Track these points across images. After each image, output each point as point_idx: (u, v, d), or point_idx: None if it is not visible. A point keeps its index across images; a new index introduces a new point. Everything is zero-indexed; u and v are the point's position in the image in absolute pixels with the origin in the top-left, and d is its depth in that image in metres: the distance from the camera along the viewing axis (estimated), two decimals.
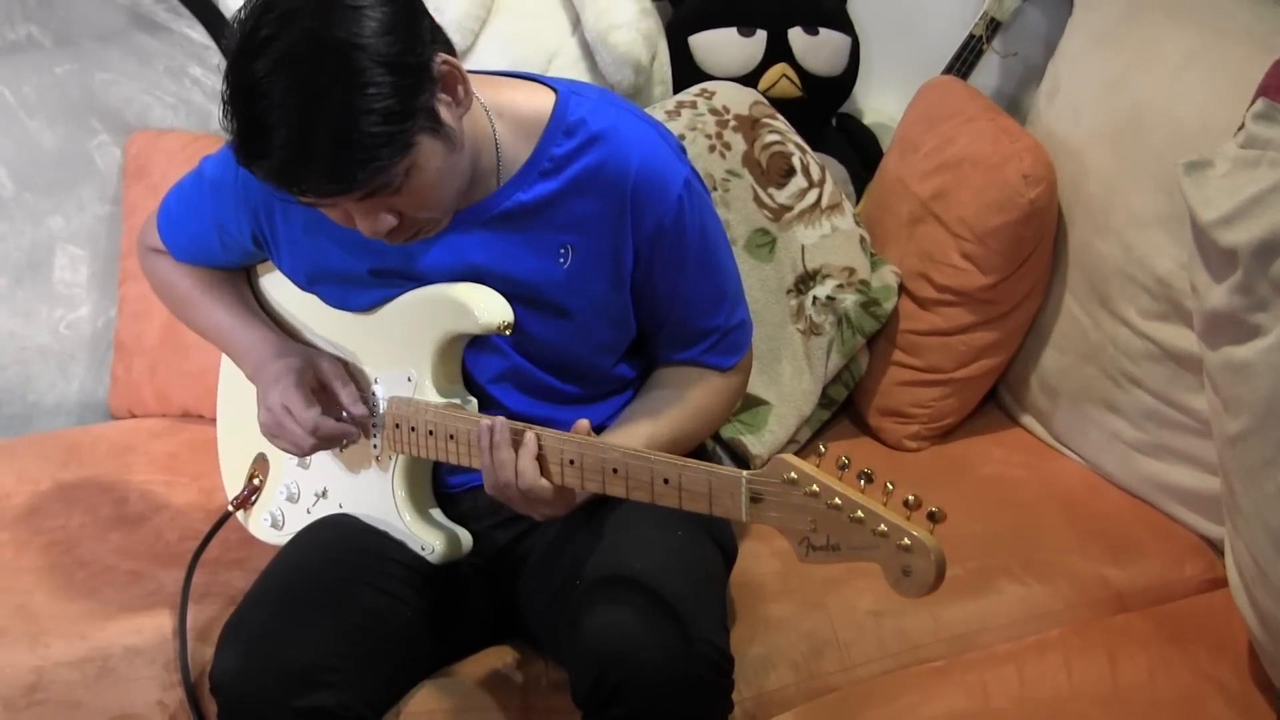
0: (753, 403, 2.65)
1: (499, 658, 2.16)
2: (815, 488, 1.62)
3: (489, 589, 2.16)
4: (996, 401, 2.94)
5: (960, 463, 2.74)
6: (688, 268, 2.05)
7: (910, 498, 1.57)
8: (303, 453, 2.10)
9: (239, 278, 2.29)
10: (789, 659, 2.20)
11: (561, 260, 2.00)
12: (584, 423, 1.89)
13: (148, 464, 2.80)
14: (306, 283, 2.14)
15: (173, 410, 3.03)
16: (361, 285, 2.07)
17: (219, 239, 2.19)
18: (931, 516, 1.56)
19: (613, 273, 2.02)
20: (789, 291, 2.74)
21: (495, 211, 1.99)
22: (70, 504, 2.65)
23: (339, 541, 2.10)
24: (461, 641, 2.16)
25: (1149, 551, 2.45)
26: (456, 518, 2.13)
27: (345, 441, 2.12)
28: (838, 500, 1.60)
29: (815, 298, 2.74)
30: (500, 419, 1.91)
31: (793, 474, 1.64)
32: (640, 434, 1.99)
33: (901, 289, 2.79)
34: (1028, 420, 2.84)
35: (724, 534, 2.14)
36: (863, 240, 2.80)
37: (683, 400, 2.09)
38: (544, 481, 1.87)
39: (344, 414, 2.09)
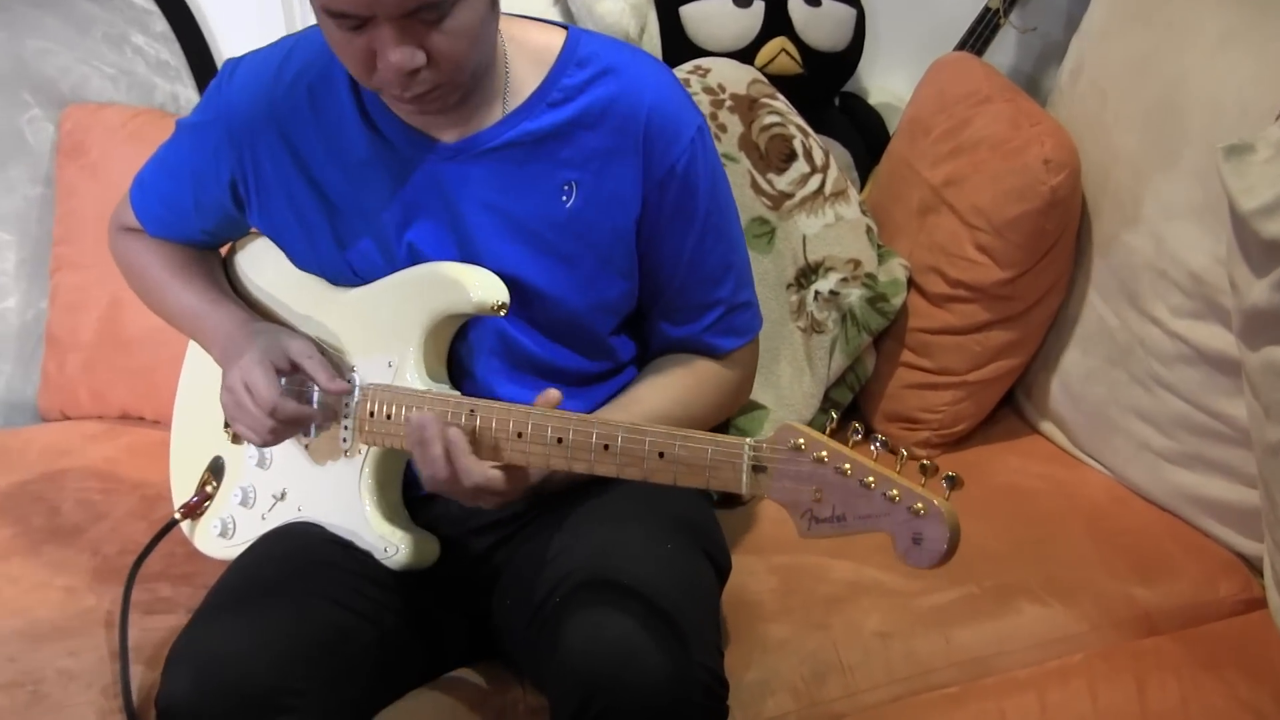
0: (749, 406, 2.67)
1: (473, 680, 2.17)
2: (824, 454, 1.64)
3: (462, 604, 2.16)
4: (1014, 407, 2.96)
5: (974, 473, 2.73)
6: (695, 225, 2.08)
7: (926, 462, 1.59)
8: (262, 438, 2.10)
9: (212, 259, 2.32)
10: (789, 684, 2.21)
11: (565, 199, 2.03)
12: (553, 393, 1.91)
13: (84, 470, 2.80)
14: (282, 231, 2.17)
15: (111, 412, 3.03)
16: (350, 232, 2.10)
17: (194, 198, 2.21)
18: (950, 481, 1.58)
19: (619, 216, 2.05)
20: (789, 286, 2.76)
21: (498, 141, 2.02)
22: None
23: (299, 552, 2.10)
24: (433, 662, 2.16)
25: (1180, 569, 2.46)
26: (427, 523, 2.14)
27: (313, 430, 2.13)
28: (847, 466, 1.62)
29: (817, 293, 2.76)
30: (429, 413, 1.94)
31: (800, 440, 1.66)
32: (625, 417, 2.00)
33: (911, 284, 2.81)
34: (1048, 427, 2.86)
35: (717, 547, 2.13)
36: (869, 230, 2.82)
37: (671, 389, 2.12)
38: (493, 471, 1.90)
39: (315, 397, 2.11)
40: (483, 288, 2.00)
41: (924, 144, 2.84)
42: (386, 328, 2.07)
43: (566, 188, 2.03)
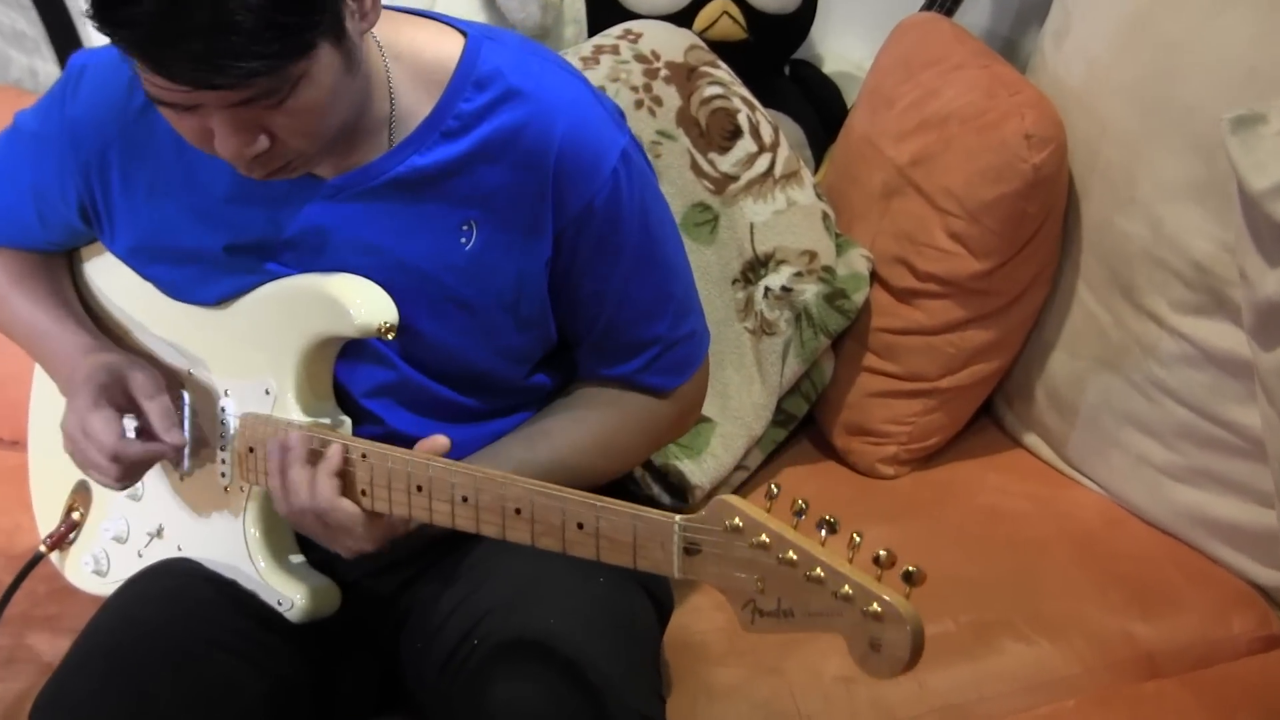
0: None
1: None
2: (765, 538, 1.58)
3: (369, 650, 2.14)
4: (993, 417, 2.97)
5: (949, 492, 2.76)
6: (622, 261, 2.03)
7: (882, 553, 1.53)
8: (116, 484, 2.06)
9: (58, 267, 2.26)
10: None
11: (464, 241, 1.98)
12: (441, 440, 1.87)
13: None
14: (144, 263, 2.11)
15: None
16: (213, 268, 2.04)
17: (37, 212, 2.16)
18: (908, 577, 1.52)
19: (525, 260, 2.00)
20: (735, 281, 2.75)
21: (385, 177, 1.96)
22: None
23: (180, 592, 2.06)
24: (340, 712, 2.12)
25: (1186, 602, 2.46)
26: (321, 565, 2.10)
27: (185, 462, 2.10)
28: (792, 554, 1.57)
29: (767, 289, 2.75)
30: (297, 433, 1.90)
31: (737, 520, 1.60)
32: (508, 460, 1.98)
33: (874, 277, 2.80)
34: (1032, 440, 2.87)
35: (657, 582, 2.12)
36: (826, 217, 2.81)
37: (584, 426, 2.09)
38: (346, 503, 1.86)
39: (187, 426, 2.08)
40: (365, 307, 1.94)
41: (887, 118, 2.84)
42: (259, 349, 2.02)
43: (465, 227, 1.98)
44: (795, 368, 2.77)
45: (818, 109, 3.27)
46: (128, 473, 2.05)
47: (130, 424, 2.03)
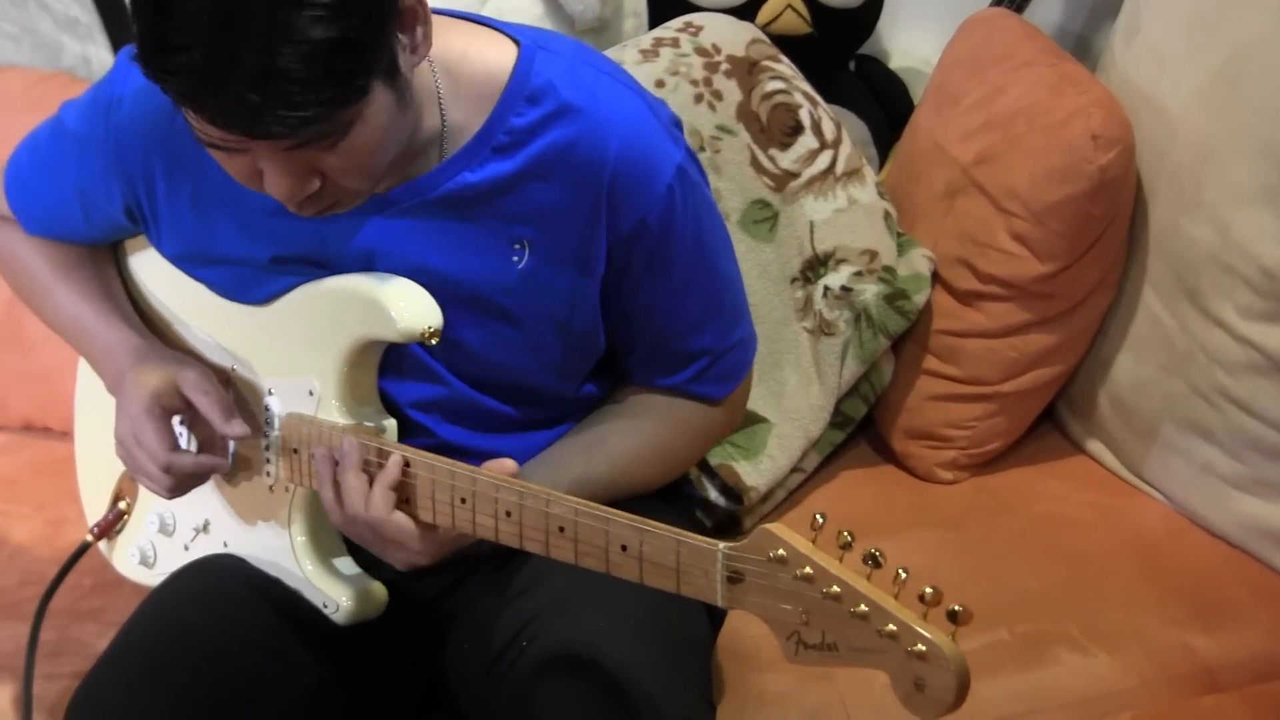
0: (748, 420, 2.65)
1: None
2: (809, 570, 1.58)
3: (410, 653, 2.14)
4: (1055, 423, 2.95)
5: (1008, 499, 2.75)
6: (674, 274, 2.03)
7: (927, 591, 1.52)
8: (167, 494, 2.07)
9: (104, 260, 2.27)
10: None
11: (515, 259, 1.97)
12: (509, 463, 1.85)
13: None
14: (192, 268, 2.12)
15: (11, 422, 3.03)
16: (260, 273, 2.05)
17: (82, 210, 2.17)
18: (953, 617, 1.51)
19: (577, 278, 2.00)
20: (794, 280, 2.74)
21: (435, 194, 1.95)
22: None
23: (219, 590, 2.07)
24: (377, 716, 2.13)
25: (1248, 615, 2.44)
26: (368, 565, 2.10)
27: (230, 459, 2.11)
28: (836, 589, 1.56)
29: (827, 288, 2.74)
30: (351, 440, 1.89)
31: (781, 551, 1.59)
32: (567, 472, 1.98)
33: (936, 278, 2.79)
34: (1095, 447, 2.85)
35: None
36: (887, 216, 2.81)
37: (640, 435, 2.09)
38: (401, 516, 1.86)
39: (217, 441, 2.08)
40: (409, 311, 1.92)
41: (952, 115, 2.82)
42: (304, 349, 2.02)
43: (518, 246, 1.97)
44: (854, 369, 2.77)
45: (883, 105, 3.25)
46: (180, 484, 2.06)
47: (183, 431, 2.06)
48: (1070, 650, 2.34)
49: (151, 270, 2.22)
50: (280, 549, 2.08)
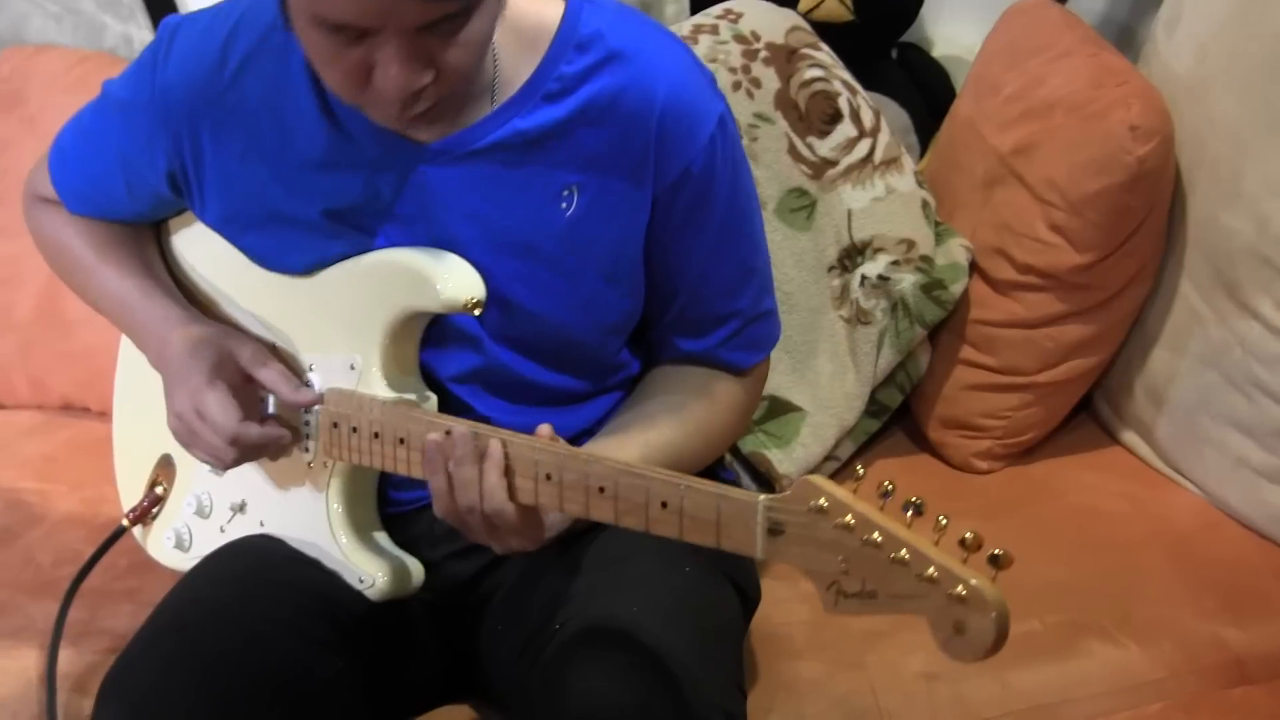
0: (781, 408, 2.66)
1: None
2: (850, 519, 1.59)
3: (444, 635, 2.16)
4: (1091, 413, 2.95)
5: (1043, 489, 2.75)
6: (709, 230, 2.05)
7: (968, 535, 1.54)
8: (225, 466, 2.09)
9: (145, 238, 2.29)
10: None
11: (564, 206, 2.00)
12: (546, 428, 1.86)
13: (18, 468, 2.82)
14: (237, 233, 2.13)
15: (51, 401, 3.05)
16: (308, 235, 2.06)
17: (124, 181, 2.19)
18: (994, 560, 1.52)
19: (624, 226, 2.02)
20: (831, 269, 2.75)
21: (486, 140, 1.98)
22: None
23: (254, 572, 2.08)
24: (410, 700, 2.15)
25: None
26: (405, 544, 2.12)
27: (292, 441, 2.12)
28: (877, 536, 1.57)
29: (864, 277, 2.75)
30: (458, 428, 1.88)
31: (822, 500, 1.61)
32: (633, 448, 1.97)
33: (973, 268, 2.79)
34: (1130, 438, 2.85)
35: (743, 572, 2.14)
36: (926, 205, 2.81)
37: (684, 412, 2.09)
38: (512, 505, 1.85)
39: (275, 412, 2.10)
40: (453, 282, 1.95)
41: (991, 105, 2.82)
42: (346, 323, 2.04)
43: (566, 193, 1.99)
44: (890, 358, 2.78)
45: (925, 94, 3.25)
46: (243, 458, 2.08)
47: (270, 400, 2.08)
48: (1102, 641, 2.33)
49: (194, 249, 2.24)
50: (317, 526, 2.09)
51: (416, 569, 2.09)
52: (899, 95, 3.20)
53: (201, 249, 2.22)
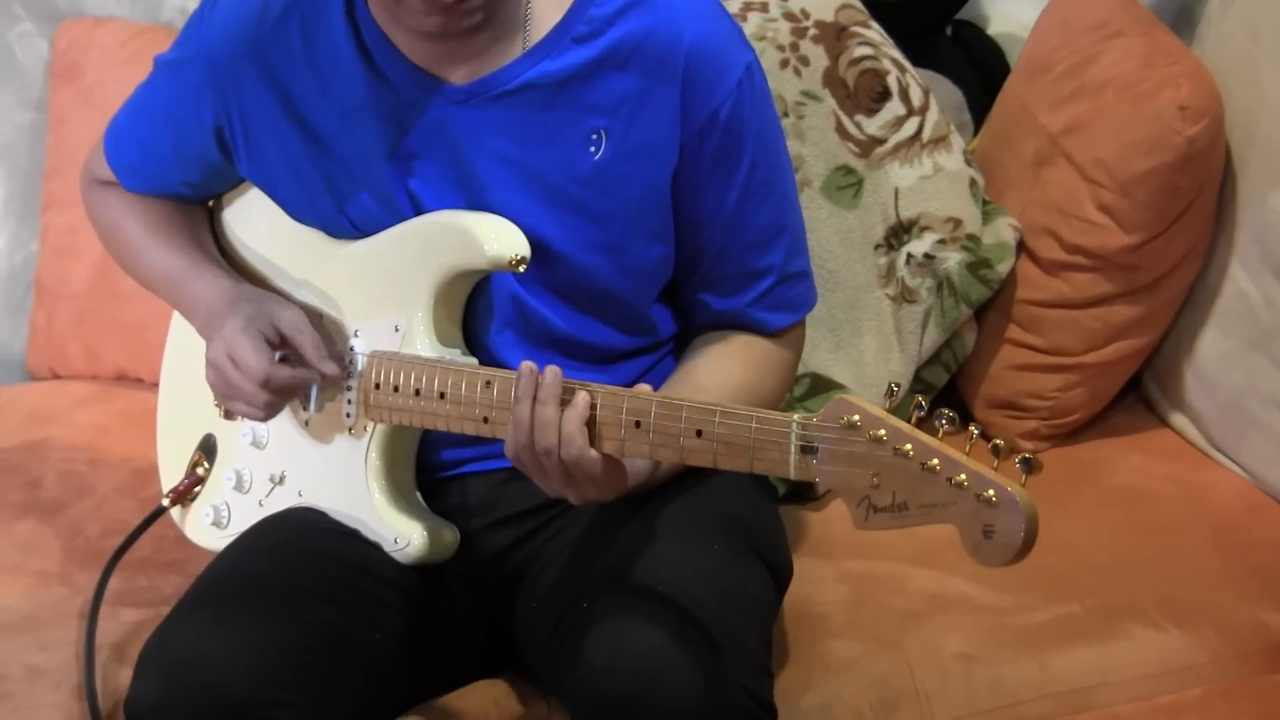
0: (823, 385, 2.65)
1: (489, 695, 2.17)
2: (882, 432, 1.61)
3: (481, 609, 2.17)
4: (1139, 394, 2.94)
5: (1088, 471, 2.74)
6: (738, 179, 2.06)
7: (999, 442, 1.57)
8: (260, 412, 2.10)
9: (197, 215, 2.32)
10: (854, 711, 2.20)
11: (592, 149, 2.02)
12: (645, 388, 1.86)
13: (70, 438, 2.83)
14: (276, 180, 2.17)
15: (105, 371, 3.07)
16: (344, 178, 2.10)
17: (174, 145, 2.22)
18: (1026, 464, 1.55)
19: (653, 169, 2.03)
20: (877, 247, 2.75)
21: (516, 82, 2.01)
22: None
23: (293, 543, 2.10)
24: (444, 673, 2.16)
25: None
26: (441, 514, 2.14)
27: (312, 404, 2.14)
28: (908, 447, 1.59)
29: (910, 255, 2.75)
30: (555, 369, 1.87)
31: (855, 417, 1.64)
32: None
33: (1021, 248, 2.78)
34: (1178, 420, 2.83)
35: (775, 550, 2.12)
36: (973, 184, 2.80)
37: (726, 375, 2.09)
38: (593, 453, 1.85)
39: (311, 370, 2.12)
40: (498, 239, 1.99)
41: (1043, 83, 2.81)
42: (391, 287, 2.07)
43: (595, 136, 2.01)
44: (935, 337, 2.77)
45: (980, 71, 3.22)
46: (274, 402, 2.09)
47: (277, 355, 2.09)
48: (1142, 624, 2.33)
49: (243, 225, 2.28)
50: (355, 491, 2.11)
51: (451, 533, 2.11)
52: (953, 73, 3.18)
53: (250, 224, 2.26)
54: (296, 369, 2.08)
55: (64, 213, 3.01)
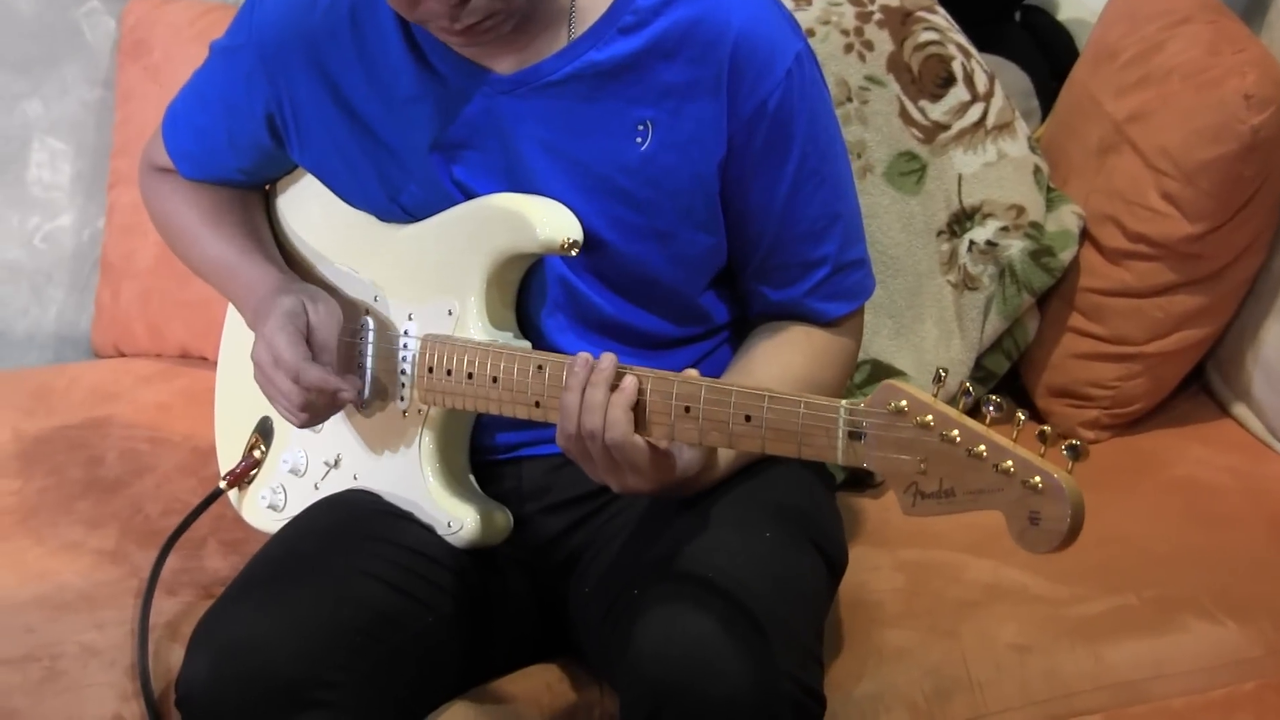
0: (884, 372, 2.64)
1: (542, 679, 2.17)
2: (929, 418, 1.62)
3: (535, 592, 2.17)
4: (1202, 384, 2.91)
5: (1149, 461, 2.72)
6: (788, 170, 2.05)
7: (1046, 429, 1.57)
8: (298, 415, 2.11)
9: (252, 203, 2.33)
10: (907, 700, 2.19)
11: (639, 141, 2.02)
12: (692, 372, 1.86)
13: (132, 415, 2.86)
14: (327, 167, 2.18)
15: (169, 349, 3.09)
16: (392, 166, 2.11)
17: (227, 131, 2.23)
18: (1072, 451, 1.56)
19: (700, 160, 2.03)
20: (940, 233, 2.73)
21: (560, 73, 2.01)
22: (31, 462, 2.70)
23: (347, 525, 2.11)
24: (497, 657, 2.17)
25: None
26: (497, 498, 2.14)
27: (366, 390, 2.15)
28: (956, 433, 1.60)
29: (972, 242, 2.73)
30: (611, 355, 1.89)
31: (903, 402, 1.64)
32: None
33: (1084, 236, 2.76)
34: (1241, 411, 2.81)
35: (829, 539, 2.11)
36: (1038, 171, 2.78)
37: (785, 368, 2.08)
38: (638, 439, 1.85)
39: (369, 364, 2.14)
40: (550, 223, 2.00)
41: (1109, 70, 2.79)
42: (445, 271, 2.08)
43: (641, 127, 2.01)
44: (996, 324, 2.75)
45: (1049, 57, 3.21)
46: (312, 404, 2.09)
47: (369, 357, 2.14)
48: (1198, 617, 2.31)
49: (296, 213, 2.29)
50: (409, 474, 2.12)
51: (504, 517, 2.12)
52: (1021, 58, 3.16)
53: (303, 212, 2.28)
54: (328, 372, 2.07)
55: (129, 190, 3.02)
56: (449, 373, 2.04)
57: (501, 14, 1.92)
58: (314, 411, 2.11)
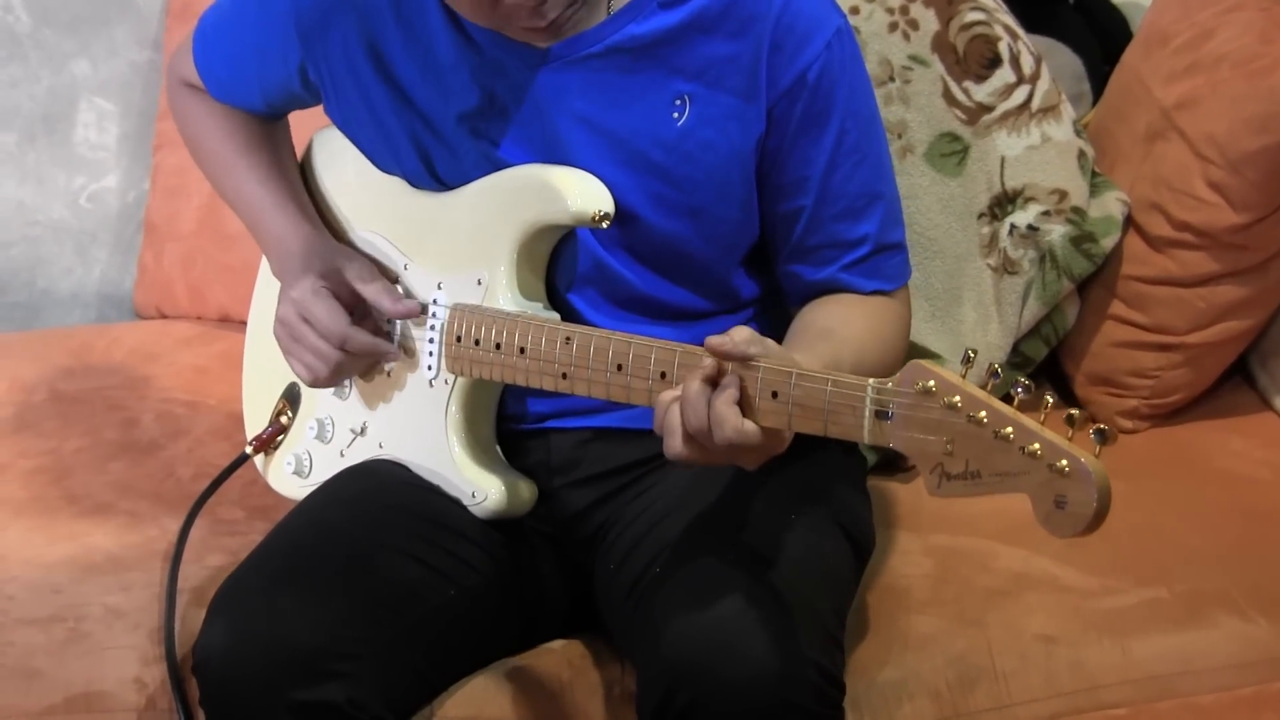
0: (919, 355, 2.60)
1: (564, 655, 2.17)
2: (957, 399, 1.60)
3: (561, 566, 2.17)
4: (1245, 376, 2.88)
5: (1187, 453, 2.69)
6: (827, 143, 2.03)
7: (1074, 412, 1.56)
8: (321, 376, 2.12)
9: (281, 138, 2.35)
10: (930, 688, 2.17)
11: (676, 115, 2.01)
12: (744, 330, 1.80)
13: (170, 378, 2.86)
14: (359, 132, 2.18)
15: (209, 313, 3.10)
16: (428, 135, 2.10)
17: (258, 74, 2.23)
18: (1100, 435, 1.54)
19: (738, 135, 2.01)
20: (980, 216, 2.70)
21: (600, 46, 2.00)
22: (68, 422, 2.71)
23: (371, 495, 2.12)
24: (522, 631, 2.16)
25: None
26: (524, 470, 2.14)
27: (386, 363, 2.15)
28: (983, 414, 1.59)
29: (1013, 226, 2.70)
30: (712, 362, 1.80)
31: (930, 383, 1.63)
32: (821, 353, 1.90)
33: (1128, 223, 2.73)
34: None
35: (857, 522, 2.11)
36: (1082, 156, 2.75)
37: (851, 322, 2.04)
38: (750, 425, 1.78)
39: (385, 323, 2.14)
40: (582, 195, 1.99)
41: (1159, 56, 2.76)
42: (475, 240, 2.07)
43: (679, 102, 2.00)
44: (1035, 310, 2.73)
45: (1102, 40, 3.17)
46: (344, 366, 2.11)
47: (398, 325, 2.14)
48: (1229, 613, 2.28)
49: (329, 174, 2.29)
50: (435, 444, 2.12)
51: (529, 488, 2.12)
52: (1074, 41, 3.13)
53: (337, 173, 2.28)
54: (375, 337, 2.11)
55: (175, 153, 3.02)
56: (477, 342, 2.04)
57: (579, 3, 1.92)
58: (342, 374, 2.13)
